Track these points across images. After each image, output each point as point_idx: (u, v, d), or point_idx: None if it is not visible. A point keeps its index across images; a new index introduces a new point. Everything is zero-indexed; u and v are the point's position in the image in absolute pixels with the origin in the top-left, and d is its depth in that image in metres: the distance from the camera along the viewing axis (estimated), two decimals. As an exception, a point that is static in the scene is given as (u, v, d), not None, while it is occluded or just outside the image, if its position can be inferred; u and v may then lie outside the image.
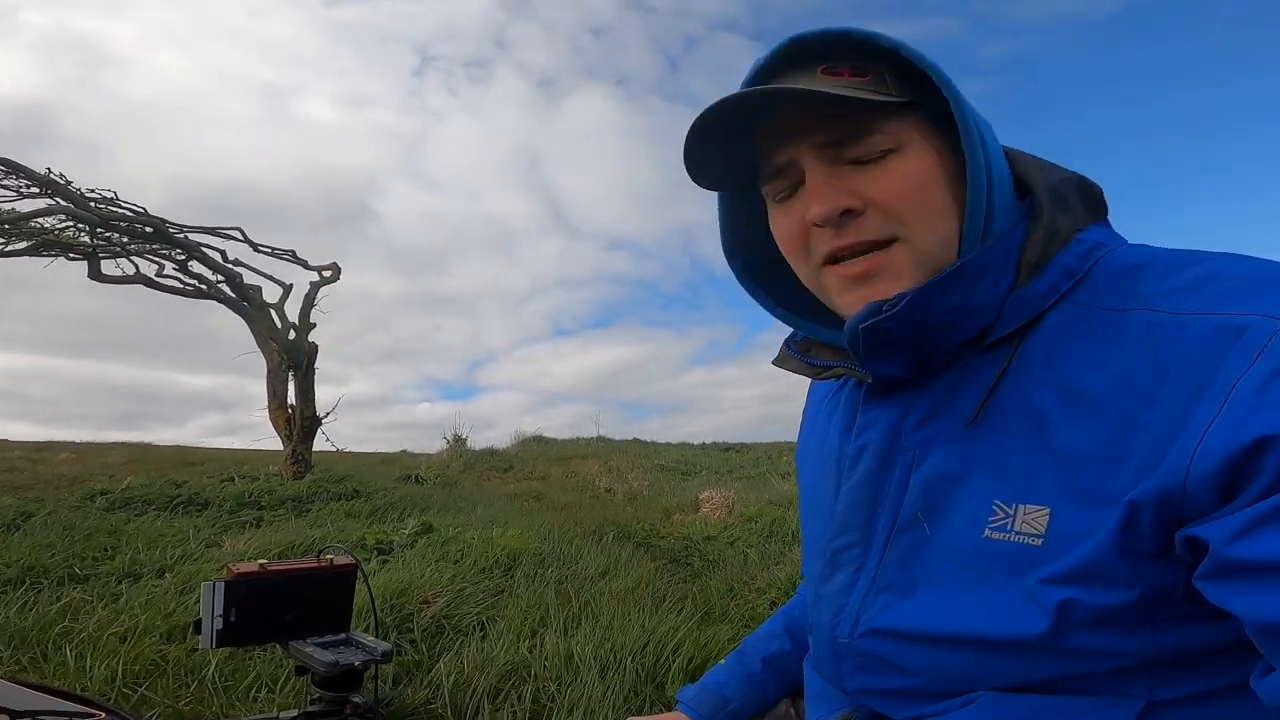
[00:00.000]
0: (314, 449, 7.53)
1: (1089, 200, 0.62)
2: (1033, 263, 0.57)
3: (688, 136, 0.60)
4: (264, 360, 7.52)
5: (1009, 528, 0.54)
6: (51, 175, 6.40)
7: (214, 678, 1.71)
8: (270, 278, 7.97)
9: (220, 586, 1.52)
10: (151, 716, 1.56)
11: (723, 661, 0.95)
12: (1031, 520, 0.53)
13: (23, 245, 6.53)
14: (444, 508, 5.45)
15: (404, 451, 11.00)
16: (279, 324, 7.59)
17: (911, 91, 0.57)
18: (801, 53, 0.59)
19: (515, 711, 1.67)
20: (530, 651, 1.98)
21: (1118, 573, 0.50)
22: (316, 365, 7.55)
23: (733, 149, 0.63)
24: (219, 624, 1.49)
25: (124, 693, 1.64)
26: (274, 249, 8.15)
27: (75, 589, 2.76)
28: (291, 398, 7.44)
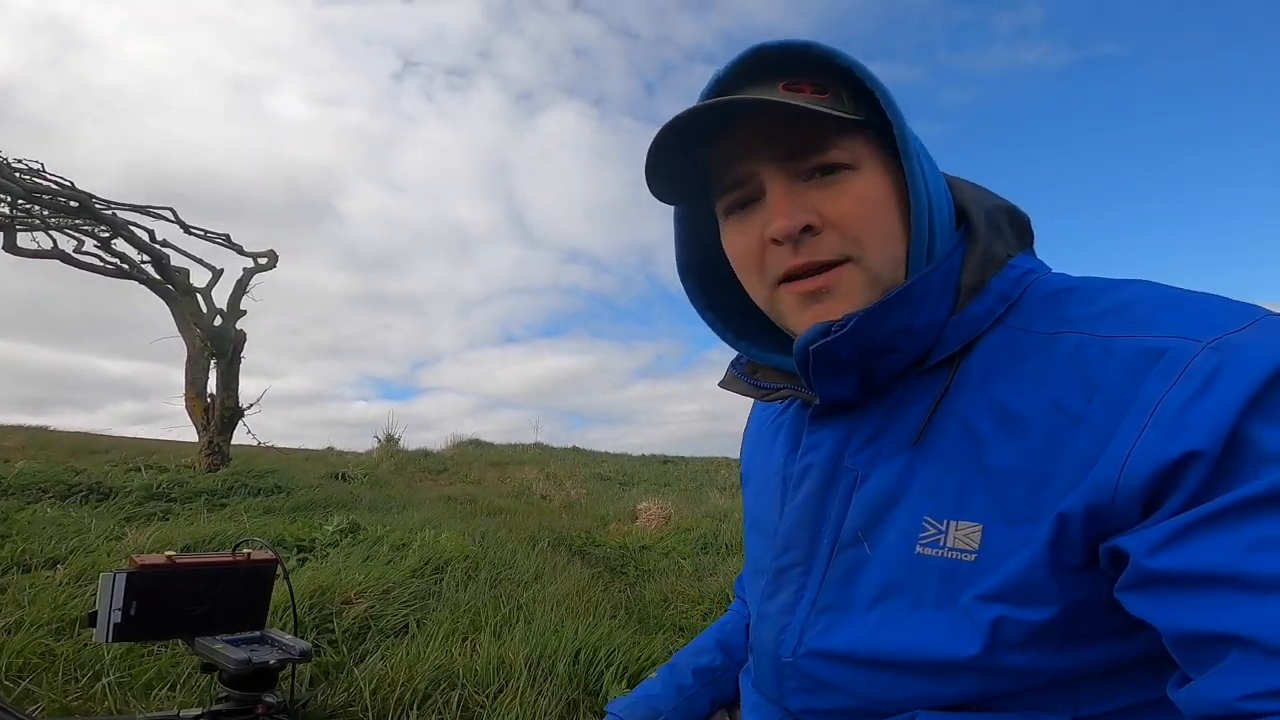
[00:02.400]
0: (234, 442, 7.14)
1: (1018, 228, 0.65)
2: (971, 286, 0.59)
3: (651, 148, 0.59)
4: (184, 346, 7.12)
5: (941, 544, 0.56)
6: None
7: (107, 673, 1.57)
8: (200, 261, 7.57)
9: (121, 578, 1.39)
10: (35, 711, 1.41)
11: (654, 674, 0.93)
12: (964, 536, 0.55)
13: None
14: (372, 507, 5.25)
15: (330, 449, 10.58)
16: (205, 309, 7.20)
17: (864, 113, 0.58)
18: (761, 67, 0.59)
19: (442, 717, 1.59)
20: (459, 655, 1.90)
21: (1047, 587, 0.51)
22: (243, 355, 7.19)
23: (692, 162, 0.62)
24: (117, 617, 1.36)
25: (7, 686, 1.48)
26: (207, 232, 7.76)
27: (-46, 578, 2.51)
28: (212, 387, 7.05)
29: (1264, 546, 0.43)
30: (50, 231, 6.69)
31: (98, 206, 6.51)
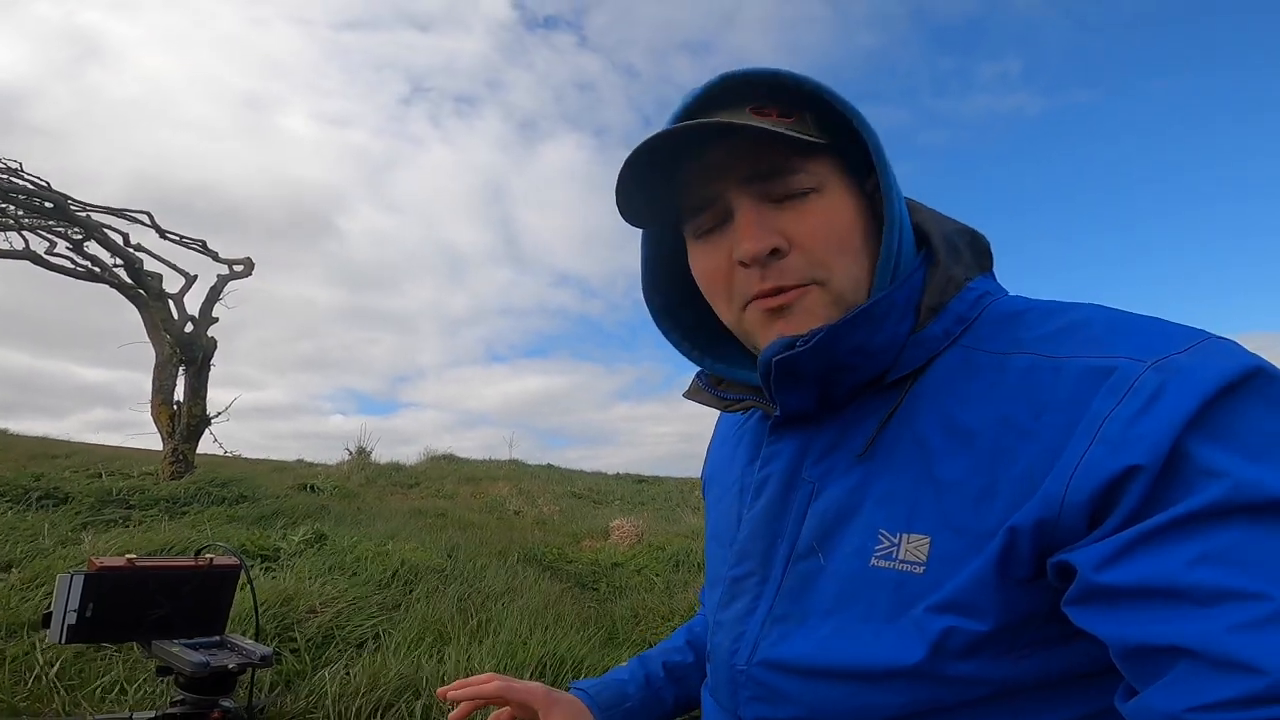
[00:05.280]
0: (200, 451, 6.99)
1: (977, 251, 0.66)
2: (931, 307, 0.60)
3: (622, 171, 0.60)
4: (154, 352, 6.98)
5: (893, 556, 0.56)
6: None
7: (57, 675, 1.52)
8: (174, 267, 7.46)
9: (79, 580, 1.36)
10: (-23, 715, 1.36)
11: (624, 663, 0.94)
12: (914, 549, 0.55)
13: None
14: (340, 519, 5.15)
15: (300, 460, 10.37)
16: (176, 315, 7.08)
17: (830, 137, 0.60)
18: (729, 93, 0.60)
19: (404, 724, 1.56)
20: (425, 665, 1.87)
21: (992, 599, 0.52)
22: (214, 362, 7.06)
23: (659, 186, 0.64)
24: (72, 618, 1.33)
25: (-53, 689, 1.43)
26: (183, 237, 7.65)
27: (-100, 580, 2.41)
28: (180, 394, 6.91)
29: (1206, 560, 0.43)
30: (23, 232, 6.56)
31: (73, 208, 6.41)
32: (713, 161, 0.61)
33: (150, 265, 7.07)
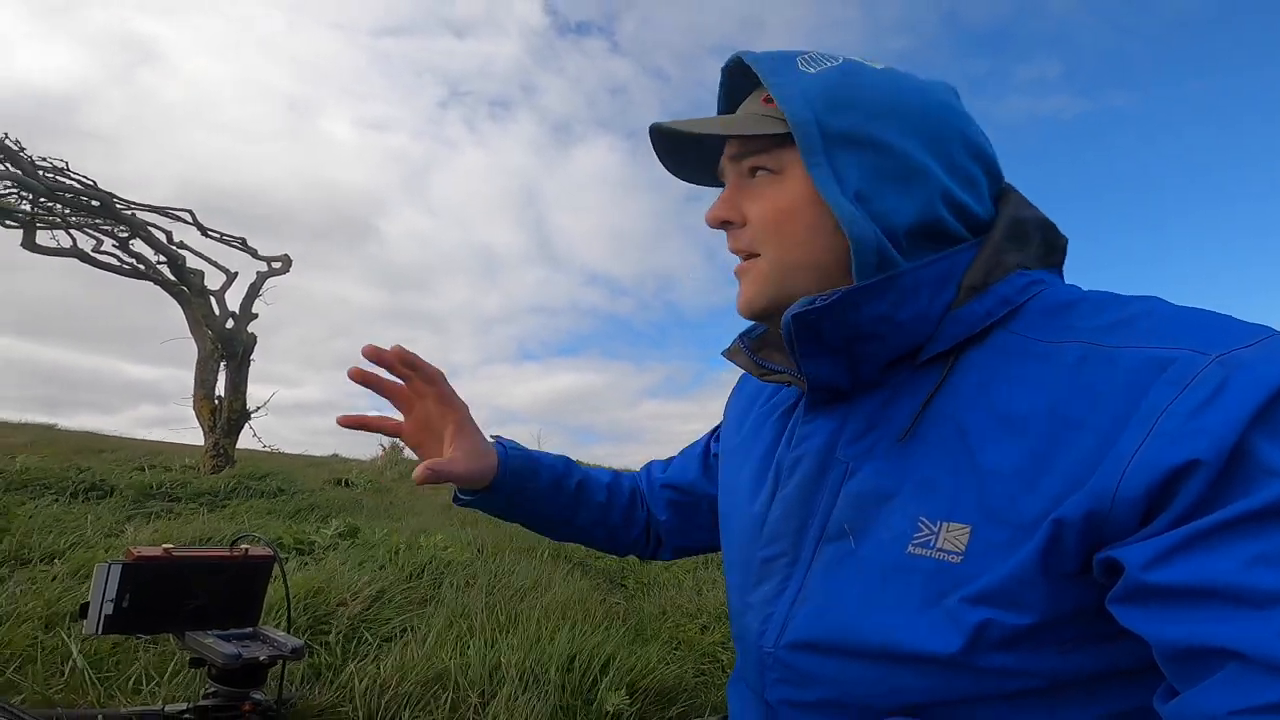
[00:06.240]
0: (240, 445, 7.16)
1: (1049, 245, 0.65)
2: (972, 286, 0.60)
3: (656, 152, 0.72)
4: (195, 347, 7.17)
5: (932, 544, 0.56)
6: (6, 141, 6.03)
7: (93, 667, 1.55)
8: (215, 264, 7.65)
9: (116, 569, 1.37)
10: (18, 702, 1.39)
11: (555, 454, 0.96)
12: (953, 537, 0.55)
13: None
14: (373, 513, 5.23)
15: (335, 456, 10.59)
16: (217, 311, 7.25)
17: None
18: (747, 71, 0.65)
19: (433, 718, 1.56)
20: (451, 659, 1.87)
21: (1034, 592, 0.51)
22: (253, 358, 7.22)
23: (689, 153, 0.71)
24: (109, 609, 1.34)
25: (-11, 677, 1.46)
26: (224, 235, 7.84)
27: (-49, 570, 2.50)
28: (221, 389, 7.09)
29: (1264, 561, 0.42)
30: (70, 230, 6.78)
31: (118, 206, 6.60)
32: (718, 140, 0.67)
33: (192, 262, 7.26)
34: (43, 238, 6.58)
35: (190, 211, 7.39)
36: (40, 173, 6.21)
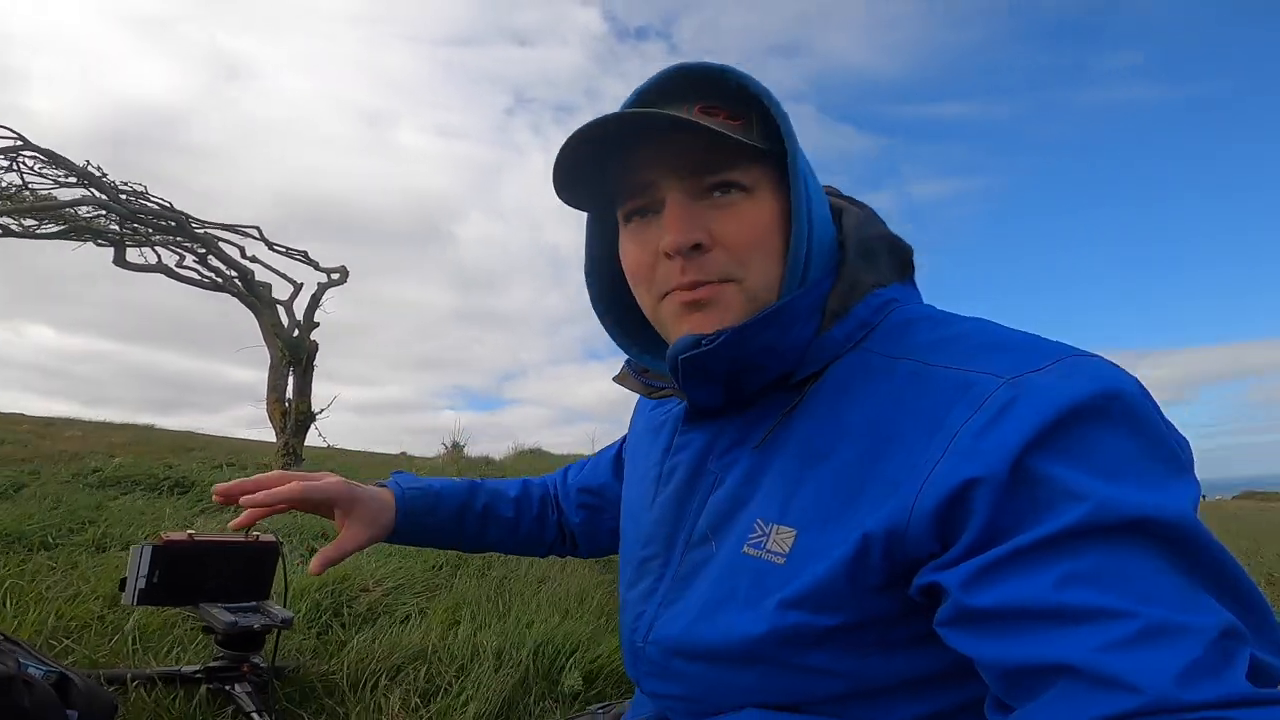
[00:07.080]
0: (308, 444, 7.70)
1: (897, 259, 0.67)
2: (834, 311, 0.61)
3: (562, 150, 0.60)
4: (268, 355, 7.75)
5: (763, 545, 0.58)
6: (89, 168, 6.73)
7: (135, 637, 1.85)
8: (282, 275, 8.23)
9: (148, 550, 1.69)
10: (70, 663, 1.69)
11: (454, 479, 1.00)
12: (781, 539, 0.57)
13: (55, 229, 6.86)
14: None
15: (403, 454, 11.11)
16: (285, 321, 7.83)
17: (770, 142, 0.61)
18: (682, 86, 0.61)
19: (410, 688, 1.78)
20: (440, 640, 2.10)
21: (841, 599, 0.53)
22: (315, 363, 7.75)
23: (599, 169, 0.64)
24: (142, 584, 1.65)
25: (50, 644, 1.77)
26: (288, 249, 8.42)
27: (43, 555, 2.91)
28: (290, 392, 7.64)
29: (1073, 581, 0.44)
30: (155, 248, 7.46)
31: (192, 225, 7.22)
32: (653, 152, 0.61)
33: (261, 275, 7.85)
34: (132, 255, 7.28)
35: (257, 228, 7.98)
36: (122, 197, 6.87)
